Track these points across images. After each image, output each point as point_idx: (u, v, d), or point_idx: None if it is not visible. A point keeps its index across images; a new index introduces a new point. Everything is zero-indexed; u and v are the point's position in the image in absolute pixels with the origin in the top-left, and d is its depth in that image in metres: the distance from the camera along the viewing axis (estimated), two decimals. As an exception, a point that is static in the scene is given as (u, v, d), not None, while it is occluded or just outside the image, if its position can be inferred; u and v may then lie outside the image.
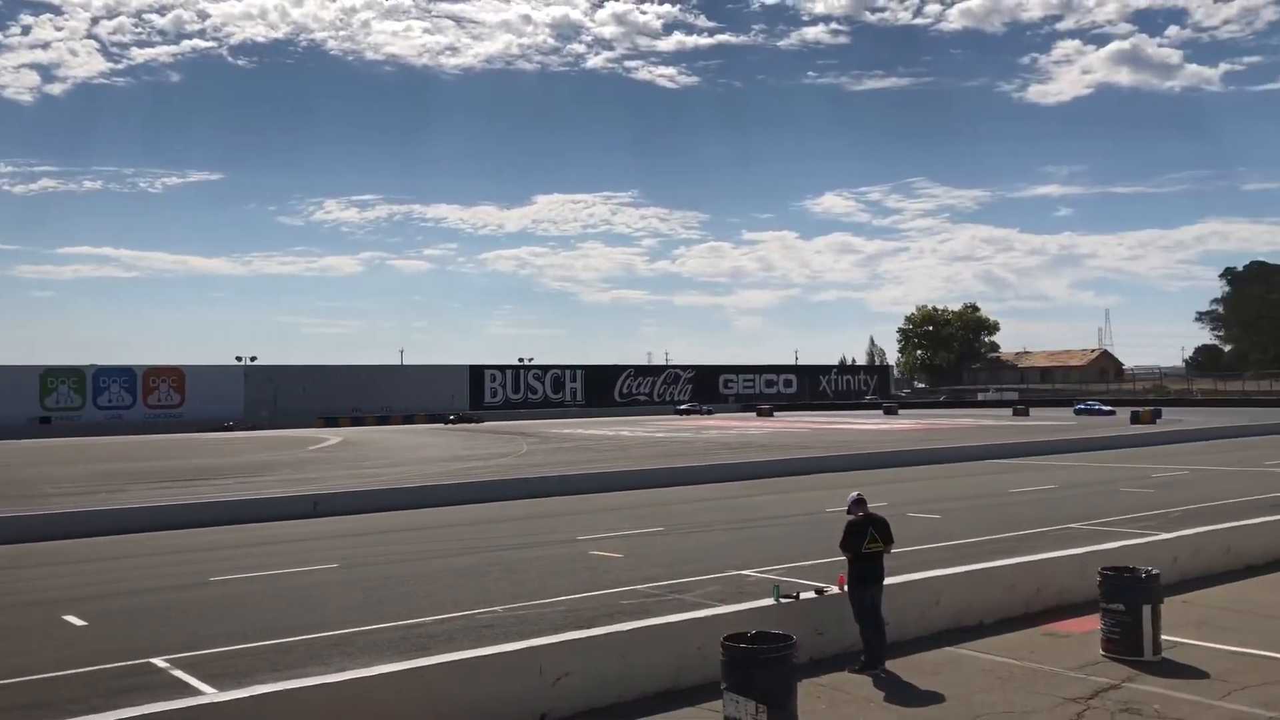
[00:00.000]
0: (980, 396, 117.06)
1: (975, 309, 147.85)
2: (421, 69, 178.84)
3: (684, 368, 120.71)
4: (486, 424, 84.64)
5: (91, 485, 33.89)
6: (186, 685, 10.03)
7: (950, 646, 10.74)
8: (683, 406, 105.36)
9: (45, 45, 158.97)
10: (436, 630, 12.20)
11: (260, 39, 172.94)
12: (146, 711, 7.16)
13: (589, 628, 10.05)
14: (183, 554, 19.20)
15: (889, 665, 9.91)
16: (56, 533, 21.48)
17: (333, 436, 66.70)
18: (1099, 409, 78.17)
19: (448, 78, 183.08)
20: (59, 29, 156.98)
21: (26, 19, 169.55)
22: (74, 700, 9.47)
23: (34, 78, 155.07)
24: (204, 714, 7.38)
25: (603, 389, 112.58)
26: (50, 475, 38.76)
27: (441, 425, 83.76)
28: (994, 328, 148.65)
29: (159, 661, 10.97)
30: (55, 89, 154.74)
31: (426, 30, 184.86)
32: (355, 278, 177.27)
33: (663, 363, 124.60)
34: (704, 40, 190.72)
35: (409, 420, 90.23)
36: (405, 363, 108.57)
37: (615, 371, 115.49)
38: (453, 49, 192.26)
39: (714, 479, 31.18)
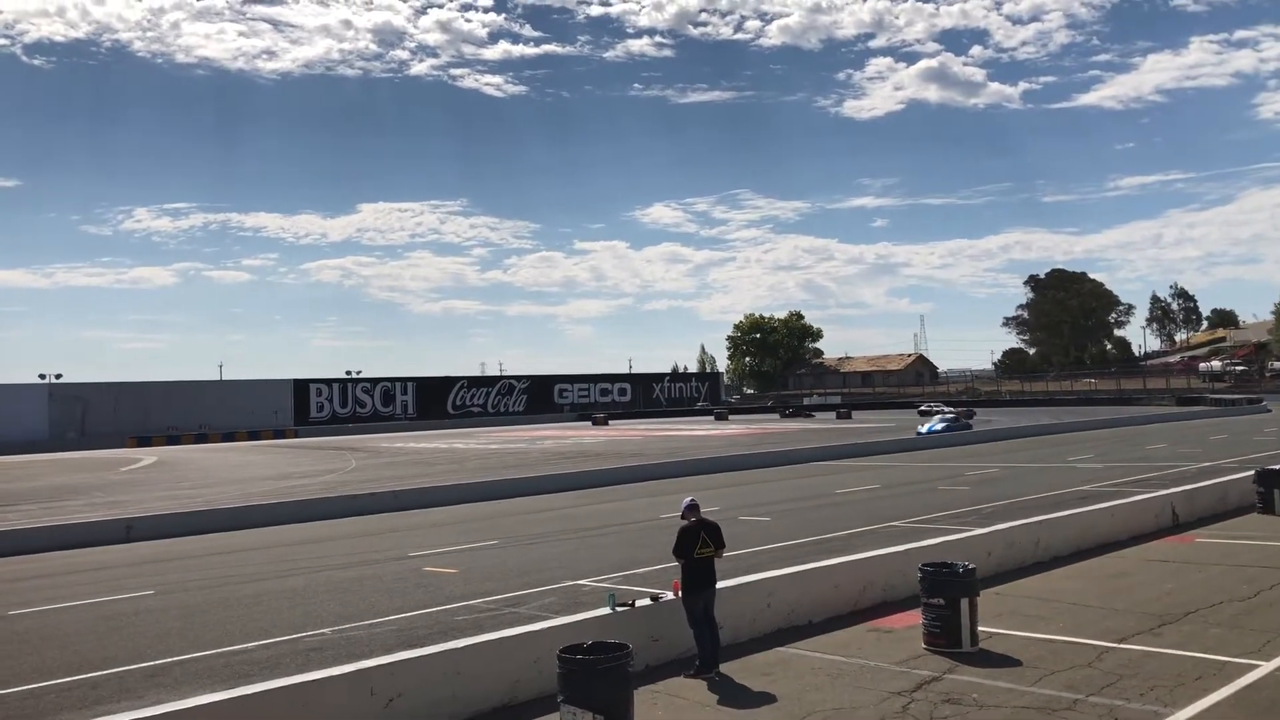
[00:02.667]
0: (806, 401, 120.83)
1: (800, 317, 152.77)
2: (237, 73, 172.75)
3: (518, 378, 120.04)
4: (312, 440, 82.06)
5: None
6: (-19, 730, 9.30)
7: (782, 647, 10.98)
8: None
9: None
10: (260, 656, 11.69)
11: (59, 38, 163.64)
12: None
13: (421, 646, 9.81)
14: (-23, 587, 17.82)
15: (723, 668, 10.05)
16: None
17: (147, 457, 63.34)
18: (948, 416, 56.85)
19: (265, 82, 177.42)
20: None
21: None
22: None
23: None
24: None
25: (435, 401, 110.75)
26: None
27: (266, 443, 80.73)
28: (818, 335, 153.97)
29: (-51, 706, 10.14)
30: None
31: (241, 34, 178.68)
32: (169, 290, 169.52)
33: (497, 373, 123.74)
34: (530, 50, 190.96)
35: (229, 438, 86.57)
36: (224, 378, 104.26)
37: (448, 383, 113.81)
38: (270, 53, 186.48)
39: (549, 489, 31.09)
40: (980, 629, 10.69)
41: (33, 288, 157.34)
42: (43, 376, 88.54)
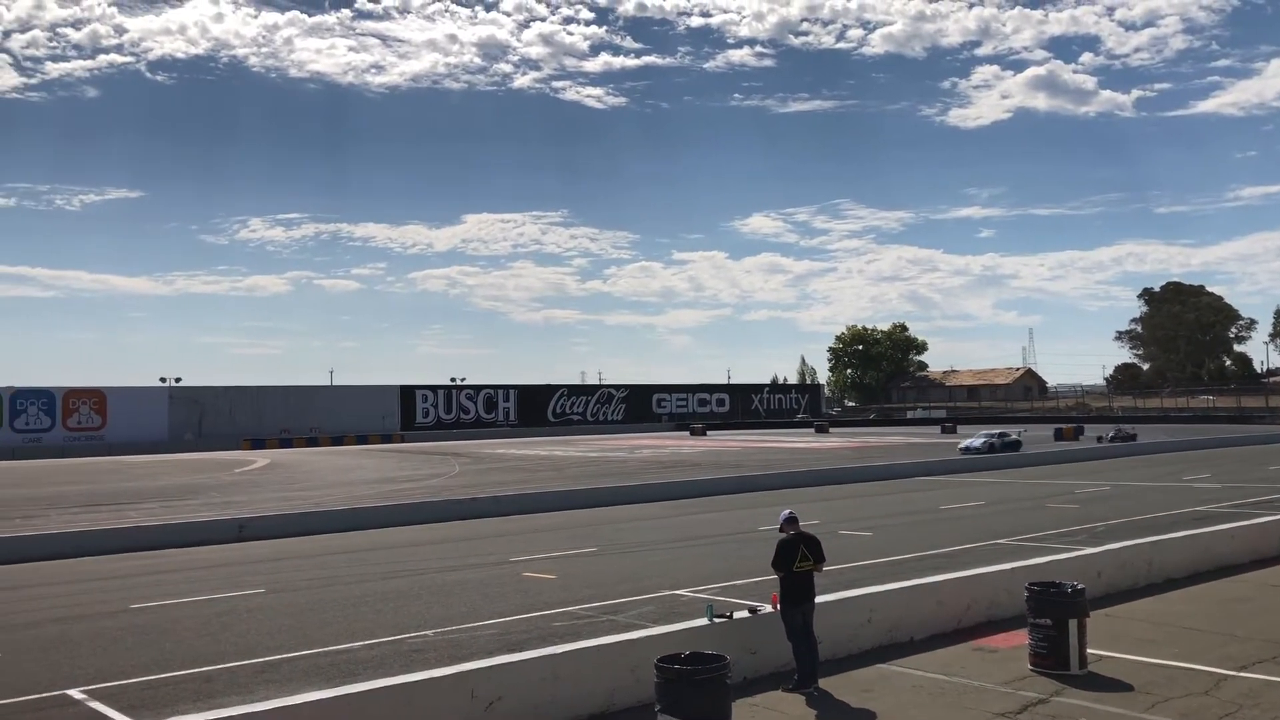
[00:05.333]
0: (909, 415, 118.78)
1: (904, 328, 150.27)
2: (347, 87, 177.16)
3: (617, 387, 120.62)
4: (418, 444, 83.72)
5: (7, 511, 32.76)
6: (103, 717, 9.71)
7: (882, 664, 10.81)
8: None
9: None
10: (366, 656, 11.97)
11: (180, 55, 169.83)
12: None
13: (521, 651, 9.93)
14: (103, 581, 18.64)
15: (822, 683, 9.94)
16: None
17: (260, 459, 65.41)
18: (992, 434, 53.93)
19: (374, 96, 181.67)
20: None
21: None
22: (-16, 735, 9.11)
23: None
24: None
25: (536, 409, 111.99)
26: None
27: (373, 447, 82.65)
28: (922, 347, 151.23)
29: (75, 693, 10.61)
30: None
31: (351, 48, 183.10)
32: (282, 297, 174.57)
33: (596, 382, 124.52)
34: (631, 61, 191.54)
35: (339, 442, 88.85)
36: (335, 383, 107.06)
37: (548, 391, 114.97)
38: (378, 67, 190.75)
39: (648, 499, 31.15)
40: (1089, 651, 10.37)
41: (155, 294, 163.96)
42: (163, 380, 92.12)
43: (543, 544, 21.63)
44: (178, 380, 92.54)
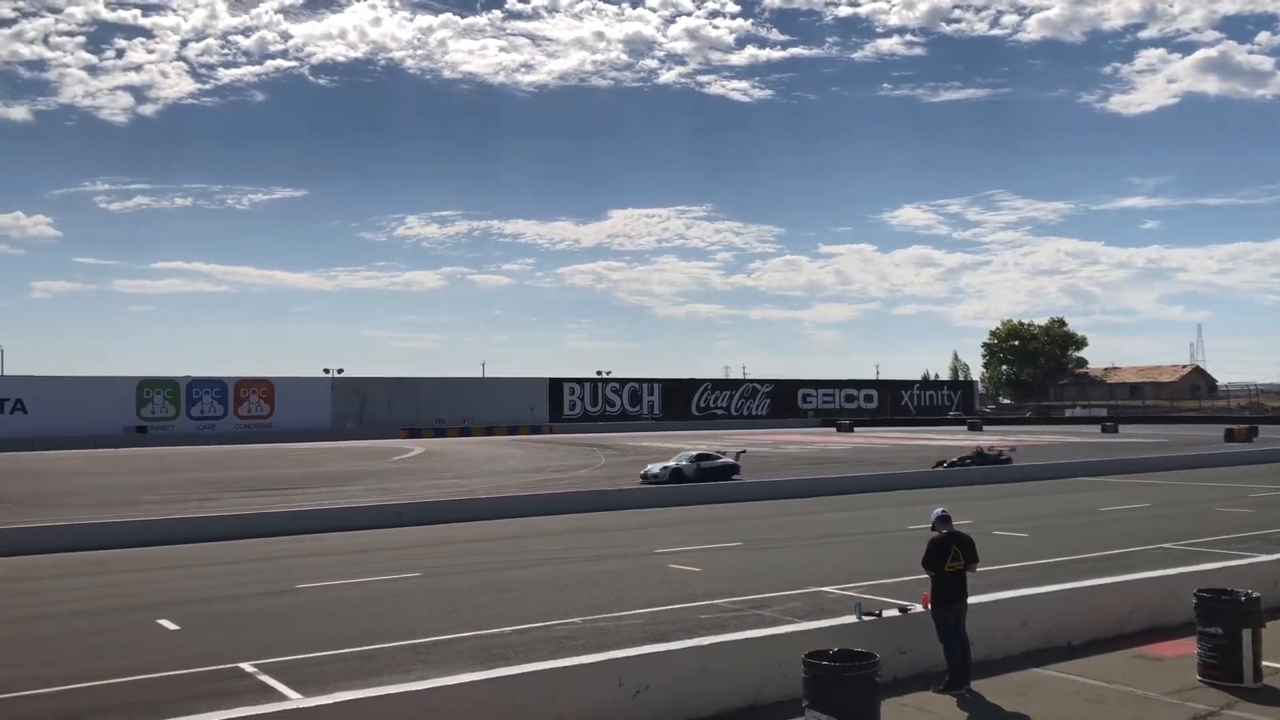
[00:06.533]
0: (1068, 413, 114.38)
1: (1062, 323, 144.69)
2: (497, 86, 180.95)
3: (762, 382, 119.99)
4: (564, 436, 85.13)
5: (185, 494, 34.84)
6: (273, 690, 10.23)
7: (1038, 668, 10.48)
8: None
9: (138, 68, 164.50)
10: (516, 641, 12.27)
11: (340, 58, 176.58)
12: (235, 715, 7.32)
13: (667, 641, 10.01)
14: (271, 561, 19.63)
15: (974, 685, 9.70)
16: (151, 539, 22.12)
17: (416, 447, 67.66)
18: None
19: (523, 95, 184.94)
20: (150, 52, 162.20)
21: (120, 43, 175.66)
22: (166, 702, 9.71)
23: (128, 99, 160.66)
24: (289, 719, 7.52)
25: (680, 403, 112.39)
26: (146, 483, 39.95)
27: (523, 437, 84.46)
28: (1081, 343, 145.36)
29: (247, 666, 11.22)
30: (147, 110, 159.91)
31: (502, 49, 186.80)
32: (436, 292, 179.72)
33: (740, 376, 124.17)
34: (777, 53, 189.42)
35: (490, 432, 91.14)
36: (487, 375, 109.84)
37: (693, 385, 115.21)
38: (528, 66, 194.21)
39: (792, 494, 30.91)
40: (1265, 664, 9.82)
41: (318, 289, 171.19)
42: (326, 371, 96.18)
43: (688, 537, 21.72)
44: (340, 371, 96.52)
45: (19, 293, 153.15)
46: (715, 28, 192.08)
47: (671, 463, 36.50)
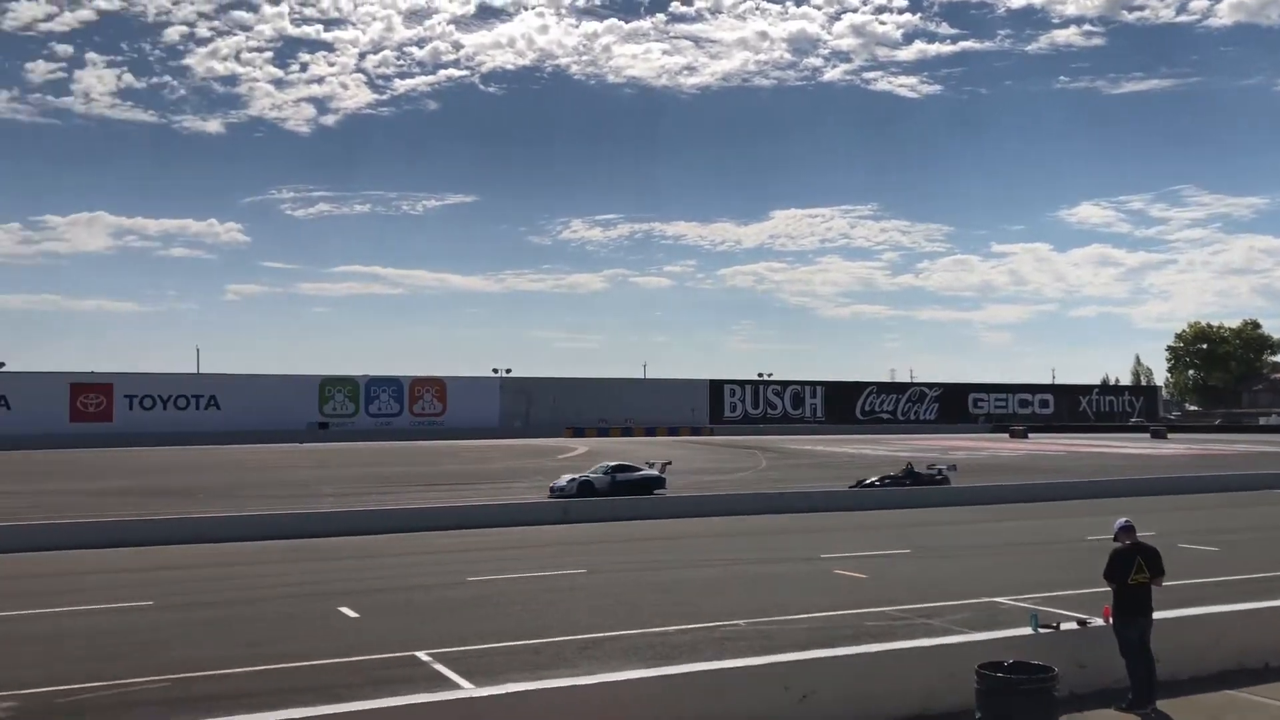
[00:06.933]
0: (1262, 420, 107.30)
1: (1256, 326, 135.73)
2: (660, 89, 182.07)
3: (930, 385, 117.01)
4: (725, 438, 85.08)
5: (362, 487, 36.44)
6: (446, 679, 10.59)
7: (1231, 690, 9.86)
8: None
9: (320, 80, 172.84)
10: (680, 640, 12.33)
11: (509, 66, 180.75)
12: (415, 701, 7.62)
13: (834, 646, 9.87)
14: (442, 554, 20.32)
15: (1160, 705, 9.21)
16: (332, 530, 23.26)
17: (580, 446, 68.86)
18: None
19: (685, 97, 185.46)
20: (331, 65, 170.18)
21: (304, 57, 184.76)
22: (346, 686, 10.18)
23: (310, 110, 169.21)
24: (461, 708, 7.78)
25: (843, 406, 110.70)
26: (326, 477, 41.99)
27: (683, 439, 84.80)
28: (1277, 346, 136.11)
29: (422, 655, 11.64)
30: (329, 120, 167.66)
31: (665, 52, 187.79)
32: (599, 294, 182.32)
33: (907, 380, 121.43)
34: (946, 48, 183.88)
35: (650, 433, 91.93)
36: (647, 376, 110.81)
37: (857, 388, 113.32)
38: (690, 68, 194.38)
39: (964, 501, 30.05)
40: None
41: (487, 291, 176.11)
42: (495, 371, 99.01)
43: (853, 542, 21.39)
44: (508, 371, 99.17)
45: (213, 295, 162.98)
46: (882, 23, 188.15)
47: (582, 475, 32.83)
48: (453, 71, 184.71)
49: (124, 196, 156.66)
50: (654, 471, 33.14)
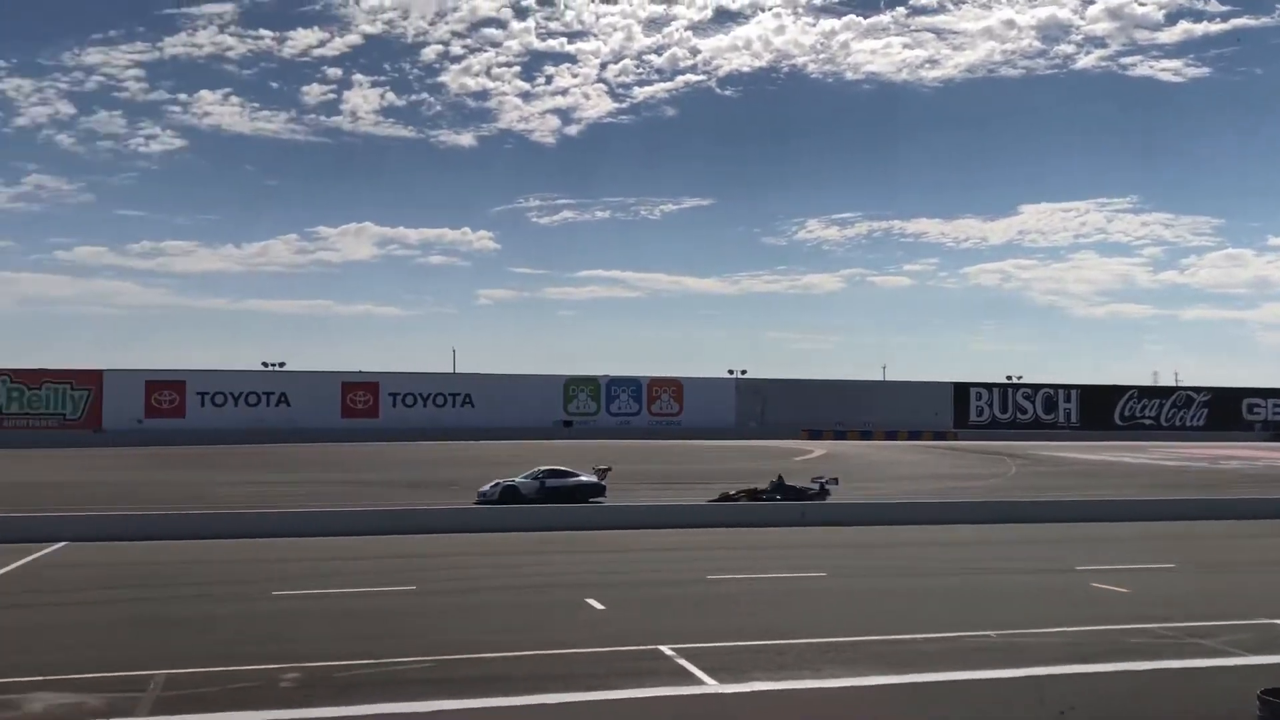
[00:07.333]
0: None
1: None
2: (901, 84, 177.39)
3: (1197, 389, 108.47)
4: (970, 443, 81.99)
5: (619, 484, 37.43)
6: (690, 674, 10.73)
7: None
8: None
9: (564, 92, 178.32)
10: (925, 648, 12.02)
11: (745, 69, 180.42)
12: (662, 694, 7.83)
13: (1093, 662, 9.39)
14: (682, 551, 20.64)
15: None
16: (578, 523, 24.16)
17: (817, 449, 68.13)
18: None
19: (926, 91, 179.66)
20: (575, 76, 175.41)
21: (549, 69, 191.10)
22: (592, 676, 10.56)
23: (555, 121, 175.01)
24: (706, 704, 7.92)
25: (1100, 411, 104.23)
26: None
27: (925, 443, 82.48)
28: None
29: (666, 649, 11.88)
30: (572, 130, 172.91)
31: (906, 45, 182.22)
32: (836, 295, 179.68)
33: (1170, 384, 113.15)
34: (1215, 27, 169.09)
35: (890, 436, 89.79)
36: (887, 378, 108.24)
37: (1115, 392, 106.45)
38: (932, 61, 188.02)
39: (1237, 515, 27.75)
40: None
41: (723, 294, 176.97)
42: (731, 372, 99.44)
43: (1111, 554, 20.19)
44: (743, 372, 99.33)
45: (467, 300, 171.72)
46: (1141, 4, 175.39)
47: (508, 480, 30.28)
48: (690, 77, 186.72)
49: (387, 208, 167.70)
50: (590, 479, 31.30)
